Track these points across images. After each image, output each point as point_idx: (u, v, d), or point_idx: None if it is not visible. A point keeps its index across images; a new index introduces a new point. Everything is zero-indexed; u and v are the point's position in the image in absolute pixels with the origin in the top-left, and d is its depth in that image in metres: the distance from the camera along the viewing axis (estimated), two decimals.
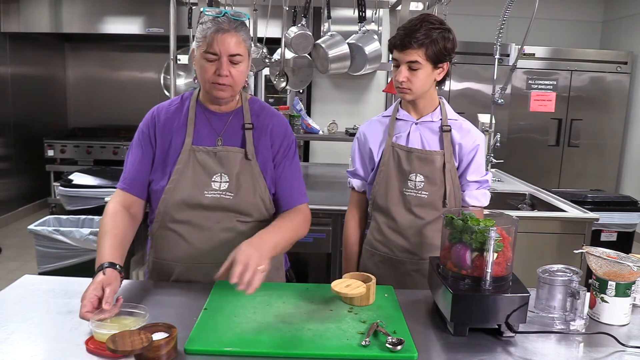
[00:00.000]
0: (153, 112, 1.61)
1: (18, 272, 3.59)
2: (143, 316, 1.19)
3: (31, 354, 1.12)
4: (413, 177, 1.72)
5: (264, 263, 1.32)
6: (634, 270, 1.34)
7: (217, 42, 1.43)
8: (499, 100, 2.83)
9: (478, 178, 1.74)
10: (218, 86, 1.48)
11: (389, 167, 1.75)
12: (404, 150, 1.73)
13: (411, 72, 1.63)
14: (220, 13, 1.46)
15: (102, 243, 1.41)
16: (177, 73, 3.30)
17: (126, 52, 6.27)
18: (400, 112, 1.78)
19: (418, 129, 1.75)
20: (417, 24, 1.60)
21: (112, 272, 1.31)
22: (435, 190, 1.71)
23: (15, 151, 5.51)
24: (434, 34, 1.59)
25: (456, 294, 1.24)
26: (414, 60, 1.60)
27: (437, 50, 1.60)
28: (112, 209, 1.51)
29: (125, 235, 1.48)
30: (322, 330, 1.25)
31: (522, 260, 1.74)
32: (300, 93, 4.62)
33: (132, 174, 1.56)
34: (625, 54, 5.61)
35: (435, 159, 1.71)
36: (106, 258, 1.35)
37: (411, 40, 1.58)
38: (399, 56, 1.63)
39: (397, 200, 1.74)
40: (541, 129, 5.66)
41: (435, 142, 1.73)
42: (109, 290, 1.24)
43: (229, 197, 1.53)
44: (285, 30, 2.97)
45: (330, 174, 3.41)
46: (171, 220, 1.54)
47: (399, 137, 1.75)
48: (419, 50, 1.59)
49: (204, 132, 1.56)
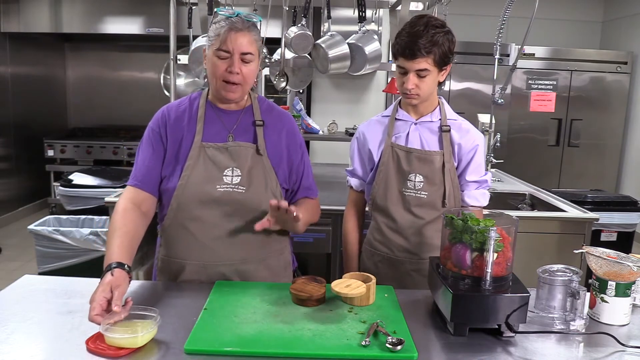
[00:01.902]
0: (163, 111, 1.63)
1: (18, 272, 3.59)
2: (154, 318, 1.18)
3: (31, 354, 1.12)
4: (412, 177, 1.72)
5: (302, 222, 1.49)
6: (634, 270, 1.34)
7: (230, 40, 1.47)
8: (499, 100, 2.83)
9: (477, 178, 1.74)
10: (228, 86, 1.51)
11: (389, 167, 1.75)
12: (403, 150, 1.73)
13: (419, 78, 1.62)
14: (234, 14, 1.51)
15: (111, 242, 1.40)
16: (177, 73, 3.30)
17: (126, 52, 6.27)
18: (399, 112, 1.78)
19: (417, 129, 1.74)
20: (422, 29, 1.57)
21: (121, 272, 1.30)
22: (434, 190, 1.71)
23: (15, 151, 5.51)
24: (439, 38, 1.58)
25: (456, 294, 1.24)
26: (423, 68, 1.59)
27: (443, 54, 1.60)
28: (123, 207, 1.50)
29: (136, 234, 1.48)
30: (322, 330, 1.25)
31: (522, 260, 1.74)
32: (300, 93, 4.62)
33: (143, 171, 1.56)
34: (625, 54, 5.61)
35: (434, 159, 1.71)
36: (114, 258, 1.34)
37: (420, 48, 1.56)
38: (407, 64, 1.61)
39: (397, 200, 1.74)
40: (541, 129, 5.66)
41: (434, 142, 1.73)
42: (118, 293, 1.22)
43: (241, 191, 1.55)
44: (285, 30, 2.97)
45: (330, 174, 3.41)
46: (183, 217, 1.55)
47: (399, 137, 1.75)
48: (428, 57, 1.58)
49: (215, 130, 1.58)
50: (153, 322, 1.18)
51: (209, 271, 1.57)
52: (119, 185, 3.70)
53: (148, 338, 1.15)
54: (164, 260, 1.62)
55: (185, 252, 1.58)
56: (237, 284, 1.53)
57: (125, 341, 1.12)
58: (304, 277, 1.50)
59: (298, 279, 1.49)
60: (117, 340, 1.12)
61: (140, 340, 1.13)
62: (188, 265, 1.58)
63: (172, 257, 1.60)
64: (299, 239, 1.74)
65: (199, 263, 1.57)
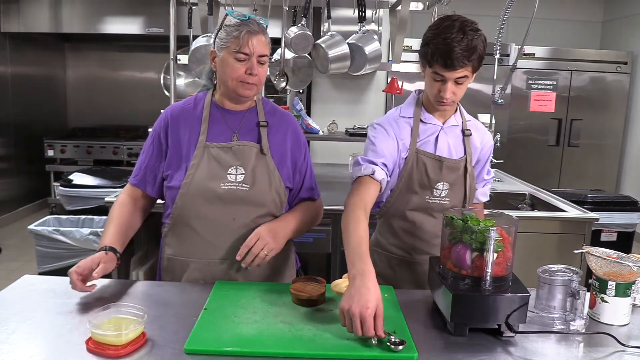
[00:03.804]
0: (166, 112, 1.65)
1: (18, 272, 3.59)
2: (141, 317, 1.19)
3: (31, 354, 1.12)
4: (440, 185, 1.64)
5: (275, 250, 1.52)
6: (634, 270, 1.34)
7: (249, 43, 1.50)
8: (499, 100, 2.83)
9: (489, 176, 1.76)
10: (247, 85, 1.54)
11: (413, 174, 1.63)
12: (431, 158, 1.62)
13: (457, 86, 1.53)
14: (245, 17, 1.53)
15: (106, 229, 1.56)
16: (177, 73, 3.30)
17: (126, 52, 6.27)
18: (424, 114, 1.65)
19: (445, 135, 1.65)
20: (460, 35, 1.45)
21: (111, 255, 1.47)
22: (455, 194, 1.67)
23: (15, 151, 5.51)
24: (477, 43, 1.48)
25: (456, 294, 1.24)
26: (463, 75, 1.50)
27: (480, 59, 1.51)
28: (121, 200, 1.64)
29: (130, 225, 1.61)
30: (322, 330, 1.25)
31: (522, 260, 1.74)
32: (300, 93, 4.61)
33: (142, 170, 1.65)
34: (625, 54, 5.61)
35: (460, 166, 1.65)
36: (107, 242, 1.50)
37: (461, 58, 1.45)
38: (446, 74, 1.49)
39: (419, 207, 1.67)
40: (541, 129, 5.66)
41: (460, 148, 1.66)
42: (102, 267, 1.40)
43: (245, 189, 1.56)
44: (285, 30, 2.97)
45: (330, 174, 3.41)
46: (188, 215, 1.57)
47: (425, 142, 1.64)
48: (468, 65, 1.49)
49: (219, 130, 1.60)
50: (138, 321, 1.18)
51: (213, 269, 1.59)
52: (119, 185, 3.69)
53: (133, 336, 1.15)
54: (169, 259, 1.64)
55: (190, 250, 1.60)
56: (237, 284, 1.54)
57: (109, 338, 1.12)
58: (304, 277, 1.50)
59: (298, 279, 1.49)
60: (101, 336, 1.12)
61: (124, 338, 1.13)
62: (192, 263, 1.59)
63: (176, 256, 1.62)
64: (298, 238, 1.73)
65: (203, 261, 1.59)
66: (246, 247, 1.50)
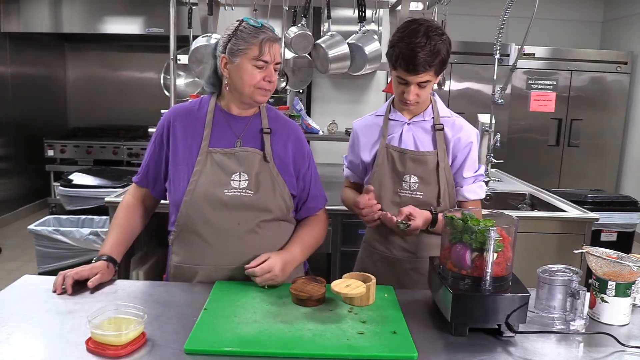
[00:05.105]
0: (169, 113, 1.65)
1: (18, 272, 3.59)
2: (141, 317, 1.19)
3: (31, 354, 1.12)
4: (407, 178, 1.71)
5: (278, 284, 1.51)
6: (634, 270, 1.34)
7: (270, 50, 1.51)
8: (499, 100, 2.83)
9: (473, 173, 1.74)
10: (263, 91, 1.55)
11: (383, 168, 1.73)
12: (397, 151, 1.72)
13: (420, 89, 1.60)
14: (258, 24, 1.53)
15: (110, 234, 1.62)
16: (177, 73, 3.30)
17: (126, 52, 6.27)
18: (392, 112, 1.76)
19: (411, 130, 1.73)
20: (424, 40, 1.51)
21: (110, 266, 1.53)
22: (430, 190, 1.71)
23: (15, 151, 5.51)
24: (440, 47, 1.54)
25: (456, 294, 1.24)
26: (425, 80, 1.58)
27: (443, 62, 1.57)
28: (126, 202, 1.69)
29: (133, 230, 1.67)
30: (322, 330, 1.25)
31: (522, 260, 1.74)
32: (300, 93, 4.61)
33: (146, 169, 1.67)
34: (625, 54, 5.61)
35: (428, 159, 1.70)
36: (108, 250, 1.56)
37: (423, 63, 1.52)
38: (408, 78, 1.57)
39: (393, 200, 1.74)
40: (541, 129, 5.66)
41: (428, 142, 1.72)
42: (99, 277, 1.47)
43: (249, 195, 1.55)
44: (285, 30, 2.98)
45: (330, 174, 3.41)
46: (193, 222, 1.55)
47: (392, 138, 1.74)
48: (430, 70, 1.55)
49: (223, 135, 1.60)
50: (138, 321, 1.18)
51: (221, 275, 1.57)
52: (119, 186, 3.70)
53: (133, 336, 1.15)
54: (177, 267, 1.62)
55: (197, 257, 1.58)
56: (237, 284, 1.53)
57: (109, 338, 1.12)
58: (303, 277, 1.50)
59: (298, 279, 1.49)
60: (101, 336, 1.13)
61: (124, 338, 1.13)
62: (201, 270, 1.58)
63: (184, 263, 1.60)
64: None
65: (211, 267, 1.57)
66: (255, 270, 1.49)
